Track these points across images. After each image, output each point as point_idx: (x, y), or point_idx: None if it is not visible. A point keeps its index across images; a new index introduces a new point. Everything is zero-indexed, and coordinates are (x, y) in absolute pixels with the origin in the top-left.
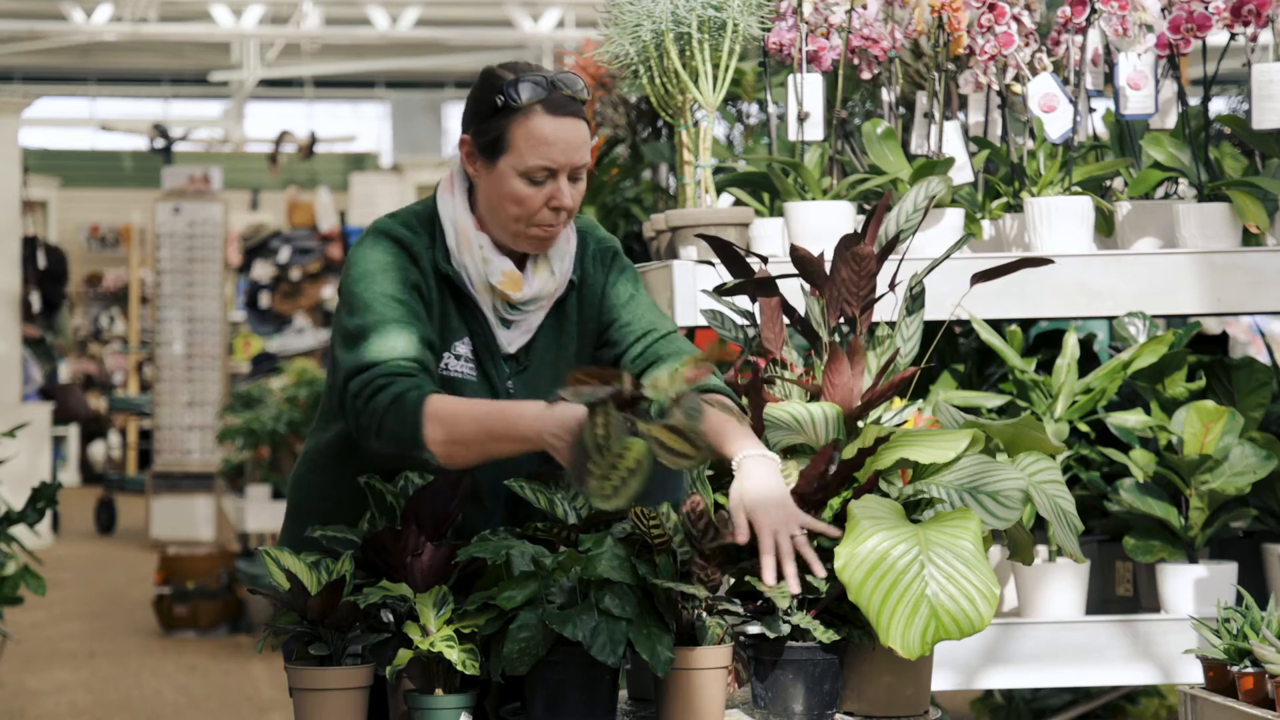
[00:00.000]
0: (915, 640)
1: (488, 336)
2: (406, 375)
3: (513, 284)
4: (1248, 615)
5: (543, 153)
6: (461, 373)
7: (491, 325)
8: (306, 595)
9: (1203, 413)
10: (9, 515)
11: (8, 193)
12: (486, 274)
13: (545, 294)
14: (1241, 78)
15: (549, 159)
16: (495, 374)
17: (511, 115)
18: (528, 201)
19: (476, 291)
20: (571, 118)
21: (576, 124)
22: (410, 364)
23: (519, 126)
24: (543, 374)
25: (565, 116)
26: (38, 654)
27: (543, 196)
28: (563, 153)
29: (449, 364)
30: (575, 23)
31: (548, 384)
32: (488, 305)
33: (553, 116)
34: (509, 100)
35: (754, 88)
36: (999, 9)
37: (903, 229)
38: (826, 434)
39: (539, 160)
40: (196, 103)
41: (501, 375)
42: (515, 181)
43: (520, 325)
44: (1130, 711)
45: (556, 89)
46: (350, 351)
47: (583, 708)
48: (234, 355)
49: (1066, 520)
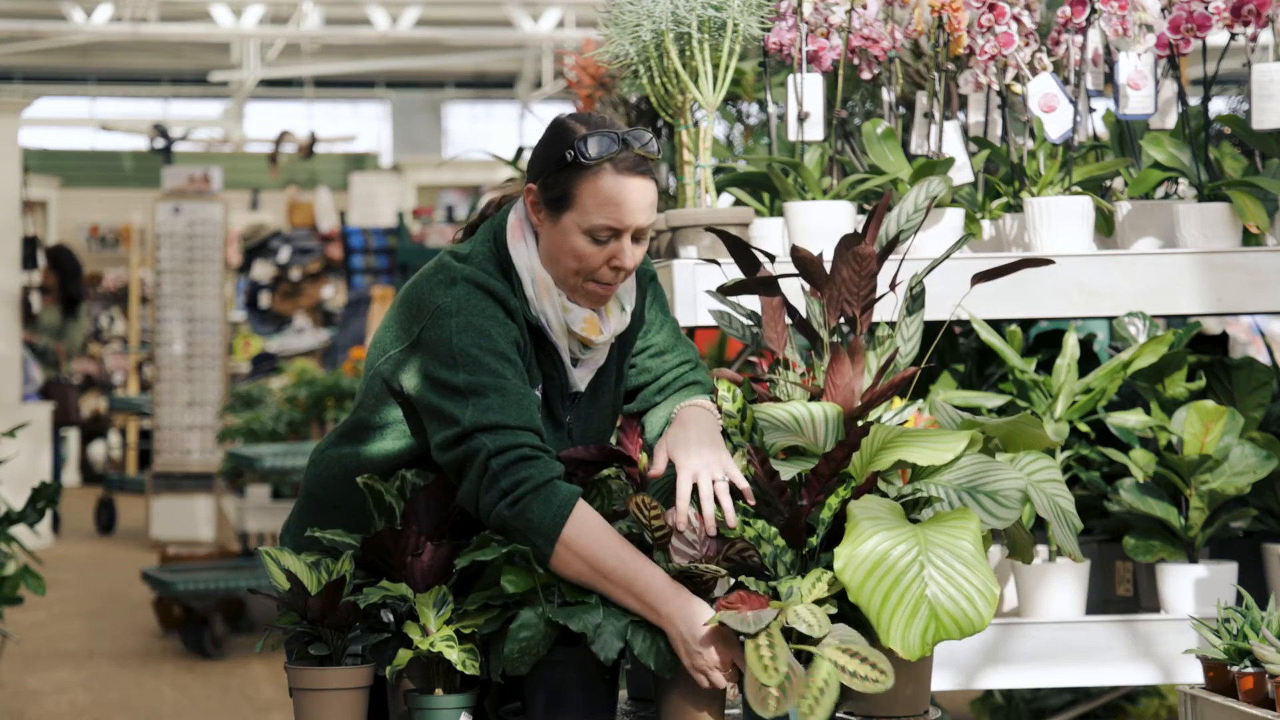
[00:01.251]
0: (915, 640)
1: (562, 379)
2: (549, 454)
3: (594, 329)
4: (1248, 615)
5: (609, 213)
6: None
7: (567, 368)
8: (306, 595)
9: (1203, 413)
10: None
11: (8, 193)
12: (568, 321)
13: (619, 332)
14: (1241, 78)
15: (615, 220)
16: (561, 412)
17: (581, 171)
18: (589, 259)
19: (556, 337)
20: (641, 177)
21: (646, 184)
22: (541, 441)
23: (587, 184)
24: (589, 405)
25: (635, 176)
26: (38, 654)
27: (604, 255)
28: (630, 214)
29: None
30: (575, 23)
31: (591, 413)
32: (564, 349)
33: (622, 175)
34: (579, 156)
35: (754, 88)
36: (999, 9)
37: (903, 229)
38: (826, 434)
39: (604, 220)
40: (196, 103)
41: (564, 411)
42: (578, 238)
43: (589, 363)
44: (1130, 711)
45: (628, 147)
46: (468, 408)
47: (583, 708)
48: (234, 355)
49: (1066, 520)
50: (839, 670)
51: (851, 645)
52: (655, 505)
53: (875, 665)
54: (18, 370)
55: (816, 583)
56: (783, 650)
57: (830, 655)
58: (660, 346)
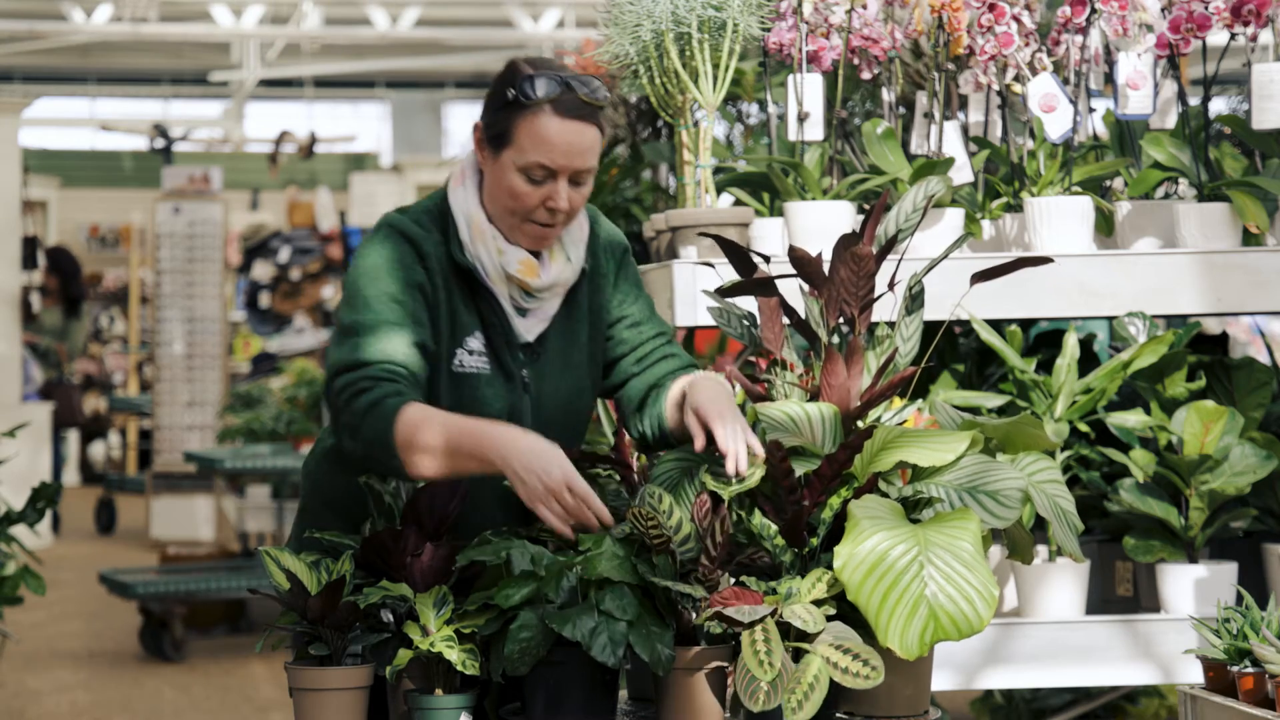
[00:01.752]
0: (914, 641)
1: (505, 327)
2: (391, 380)
3: (530, 271)
4: (1248, 615)
5: (544, 152)
6: (475, 367)
7: (508, 315)
8: (306, 595)
9: (1203, 413)
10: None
11: (8, 193)
12: (503, 264)
13: (562, 280)
14: (1241, 78)
15: (549, 159)
16: (511, 364)
17: (520, 110)
18: (524, 198)
19: (493, 282)
20: (580, 121)
21: (584, 128)
22: (398, 369)
23: (525, 123)
24: (554, 362)
25: (573, 119)
26: (38, 654)
27: (539, 196)
28: (564, 155)
29: (462, 360)
30: (575, 23)
31: (559, 371)
32: (504, 295)
33: (560, 118)
34: (520, 95)
35: (754, 88)
36: (999, 9)
37: (901, 229)
38: (824, 434)
39: (539, 158)
40: (196, 103)
41: (517, 364)
42: (515, 176)
43: (537, 313)
44: (1130, 711)
45: (571, 90)
46: (342, 347)
47: (583, 708)
48: (234, 355)
49: (1066, 520)
50: (830, 666)
51: (844, 642)
52: (652, 515)
53: (866, 661)
54: (18, 370)
55: (816, 583)
56: (778, 645)
57: (821, 652)
58: (636, 317)
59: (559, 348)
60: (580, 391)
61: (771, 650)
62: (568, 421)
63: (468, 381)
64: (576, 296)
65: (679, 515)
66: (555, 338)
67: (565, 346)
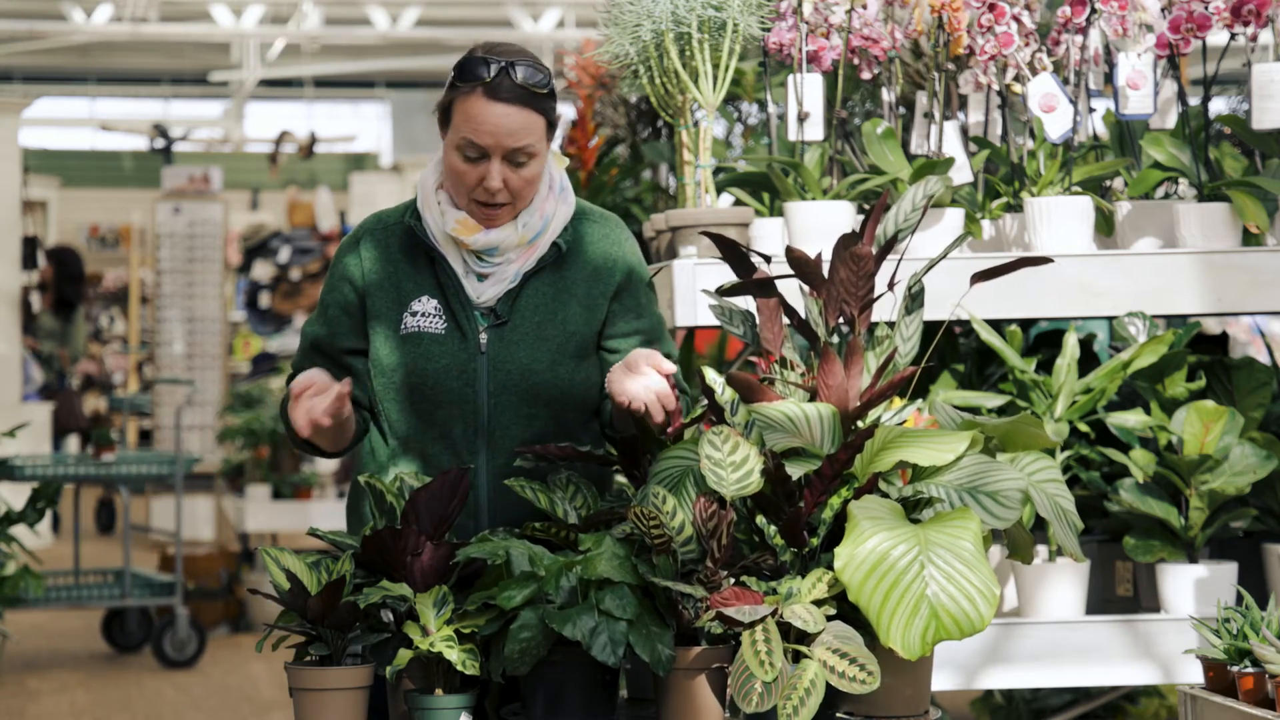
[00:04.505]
0: (915, 640)
1: (457, 287)
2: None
3: (466, 229)
4: (1248, 615)
5: (470, 130)
6: (421, 327)
7: (459, 276)
8: (306, 595)
9: (1203, 413)
10: (9, 515)
11: (8, 193)
12: (444, 224)
13: (508, 245)
14: (1241, 78)
15: (475, 137)
16: (467, 325)
17: (456, 91)
18: (462, 176)
19: (439, 244)
20: (511, 104)
21: (515, 110)
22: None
23: (459, 103)
24: (524, 331)
25: (503, 102)
26: (38, 654)
27: (475, 175)
28: (490, 134)
29: (406, 323)
30: (575, 23)
31: (530, 341)
32: (455, 258)
33: (489, 100)
34: (457, 77)
35: (754, 88)
36: (999, 9)
37: (901, 228)
38: (822, 434)
39: (467, 136)
40: (196, 103)
41: (475, 328)
42: (453, 154)
43: (493, 277)
44: (1130, 711)
45: (505, 74)
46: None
47: (583, 708)
48: (234, 355)
49: (1066, 520)
50: (827, 670)
51: (841, 646)
52: (654, 515)
53: (864, 666)
54: (18, 370)
55: (816, 583)
56: (778, 645)
57: (819, 655)
58: (630, 329)
59: (534, 320)
60: (552, 366)
61: (772, 650)
62: (533, 392)
63: (414, 340)
64: (565, 275)
65: (681, 517)
66: (531, 310)
67: (542, 320)
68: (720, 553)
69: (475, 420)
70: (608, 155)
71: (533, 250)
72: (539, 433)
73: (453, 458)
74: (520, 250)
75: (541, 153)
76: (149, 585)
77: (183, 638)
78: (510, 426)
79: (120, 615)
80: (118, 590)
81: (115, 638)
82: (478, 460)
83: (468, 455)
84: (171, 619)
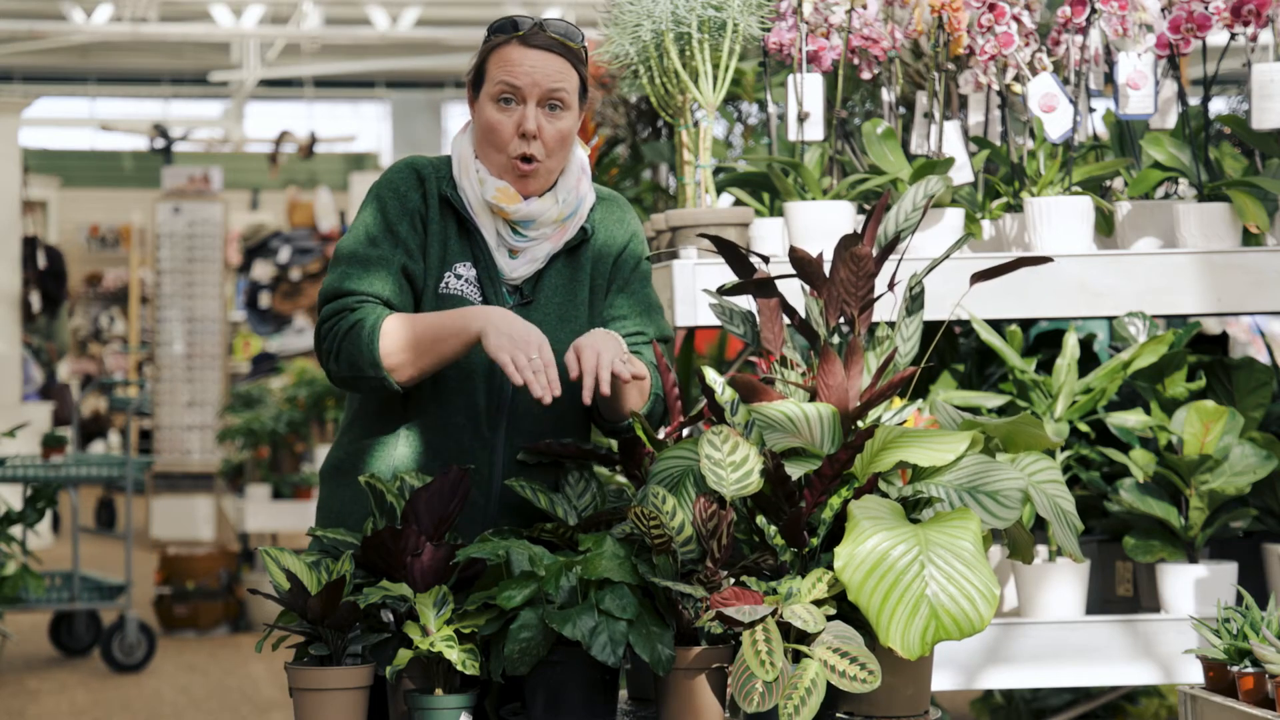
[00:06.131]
0: (915, 640)
1: (489, 262)
2: (372, 303)
3: (507, 198)
4: (1248, 615)
5: (507, 71)
6: (462, 291)
7: (492, 250)
8: (306, 595)
9: (1203, 413)
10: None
11: (8, 193)
12: (483, 193)
13: (546, 219)
14: (1241, 78)
15: (512, 78)
16: (496, 301)
17: (490, 46)
18: (499, 128)
19: (476, 214)
20: (546, 51)
21: (551, 56)
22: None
23: (494, 55)
24: (550, 311)
25: (539, 49)
26: (38, 654)
27: (512, 123)
28: (527, 74)
29: (449, 282)
30: (575, 23)
31: (555, 321)
32: (490, 230)
33: (525, 47)
34: (490, 34)
35: (754, 88)
36: (999, 9)
37: (901, 229)
38: (822, 434)
39: (503, 78)
40: (196, 103)
41: (503, 303)
42: (489, 108)
43: (525, 254)
44: (1130, 711)
45: (540, 28)
46: (333, 273)
47: (583, 708)
48: (234, 355)
49: (1066, 520)
50: (827, 670)
51: (842, 645)
52: (654, 515)
53: (864, 665)
54: (18, 370)
55: (816, 583)
56: (779, 645)
57: (819, 655)
58: (623, 311)
59: (558, 301)
60: None
61: (773, 650)
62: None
63: (451, 302)
64: (580, 258)
65: (681, 517)
66: (555, 290)
67: (564, 301)
68: (720, 553)
69: (501, 395)
70: (608, 155)
71: (563, 232)
72: (559, 414)
73: (473, 432)
74: (555, 228)
75: (575, 107)
76: (98, 588)
77: (132, 641)
78: (533, 405)
79: (68, 618)
80: (66, 593)
81: (63, 641)
82: (497, 435)
83: (489, 431)
84: (121, 623)
